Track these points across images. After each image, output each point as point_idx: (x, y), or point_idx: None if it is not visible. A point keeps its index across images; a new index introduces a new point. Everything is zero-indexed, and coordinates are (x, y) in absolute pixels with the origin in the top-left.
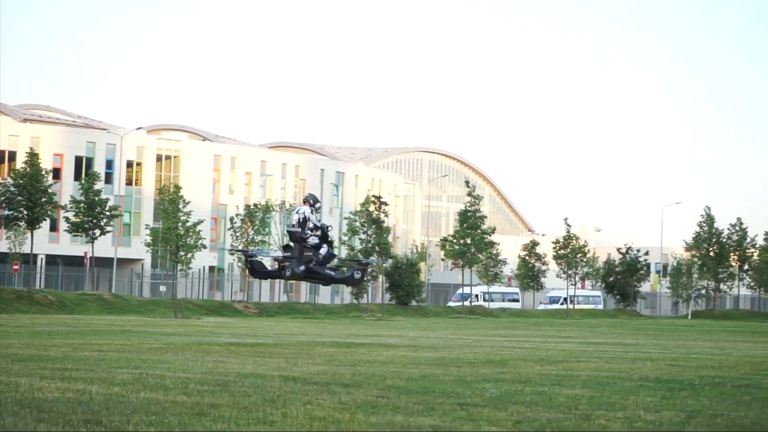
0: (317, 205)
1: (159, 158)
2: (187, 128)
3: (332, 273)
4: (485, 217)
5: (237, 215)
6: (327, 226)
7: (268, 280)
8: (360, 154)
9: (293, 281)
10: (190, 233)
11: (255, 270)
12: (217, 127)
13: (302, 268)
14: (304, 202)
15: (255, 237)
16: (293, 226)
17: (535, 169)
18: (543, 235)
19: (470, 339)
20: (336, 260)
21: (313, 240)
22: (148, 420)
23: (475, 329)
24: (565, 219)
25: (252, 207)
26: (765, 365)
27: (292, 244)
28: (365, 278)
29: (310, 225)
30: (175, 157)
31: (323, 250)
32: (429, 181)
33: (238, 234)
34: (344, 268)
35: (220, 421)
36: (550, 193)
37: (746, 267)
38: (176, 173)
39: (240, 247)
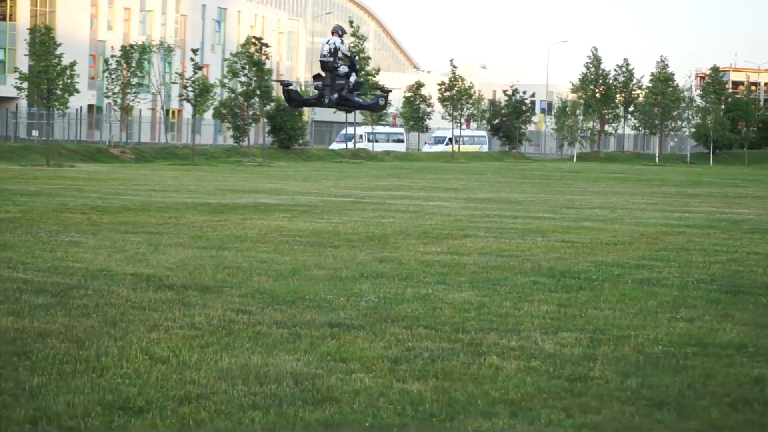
0: (345, 35)
1: None
2: None
3: (360, 100)
4: (369, 58)
5: (112, 56)
6: (354, 56)
7: (304, 108)
8: None
9: (330, 107)
10: (66, 73)
11: (292, 99)
12: None
13: (336, 95)
14: (333, 33)
15: (132, 79)
16: (325, 56)
17: (421, 3)
18: (428, 72)
19: (351, 195)
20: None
21: (343, 69)
22: None
23: (358, 178)
24: (451, 60)
25: (128, 48)
26: (660, 243)
27: (323, 73)
28: (388, 105)
29: (340, 55)
30: None
31: (353, 79)
32: (313, 18)
33: (114, 76)
34: (370, 96)
35: (39, 371)
36: (436, 29)
37: (631, 108)
38: (52, 8)
39: (278, 78)
